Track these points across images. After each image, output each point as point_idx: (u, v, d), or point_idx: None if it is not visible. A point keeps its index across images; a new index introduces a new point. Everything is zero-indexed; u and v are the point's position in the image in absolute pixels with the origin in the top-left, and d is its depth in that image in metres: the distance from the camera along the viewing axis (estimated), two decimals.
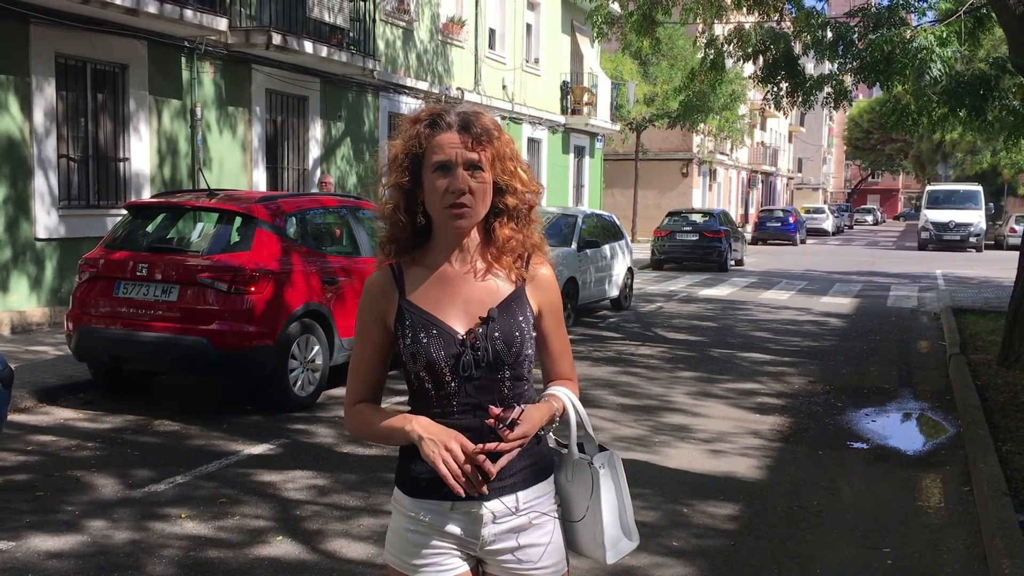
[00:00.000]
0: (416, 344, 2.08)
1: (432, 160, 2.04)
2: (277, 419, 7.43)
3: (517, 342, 2.10)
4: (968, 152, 45.15)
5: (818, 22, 12.37)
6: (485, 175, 2.05)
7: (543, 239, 2.21)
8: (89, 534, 4.90)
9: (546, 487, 2.19)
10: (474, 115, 2.07)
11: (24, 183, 10.77)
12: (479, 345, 2.07)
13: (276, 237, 7.77)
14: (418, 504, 2.13)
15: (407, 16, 18.29)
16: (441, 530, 2.12)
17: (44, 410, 7.60)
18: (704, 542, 4.97)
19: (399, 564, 2.17)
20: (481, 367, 2.07)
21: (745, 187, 55.24)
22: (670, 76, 30.56)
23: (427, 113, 2.09)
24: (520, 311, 2.13)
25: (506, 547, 2.14)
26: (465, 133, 2.03)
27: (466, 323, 2.09)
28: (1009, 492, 5.35)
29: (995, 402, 7.87)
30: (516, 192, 2.10)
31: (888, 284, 21.02)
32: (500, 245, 2.13)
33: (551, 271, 2.22)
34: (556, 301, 2.24)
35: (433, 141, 2.04)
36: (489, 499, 2.10)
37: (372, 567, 4.54)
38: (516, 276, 2.15)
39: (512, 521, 2.13)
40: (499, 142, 2.06)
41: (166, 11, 11.40)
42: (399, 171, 2.08)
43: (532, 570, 2.16)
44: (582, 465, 2.20)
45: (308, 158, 15.77)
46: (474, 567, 2.19)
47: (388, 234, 2.15)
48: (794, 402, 8.54)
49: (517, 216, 2.13)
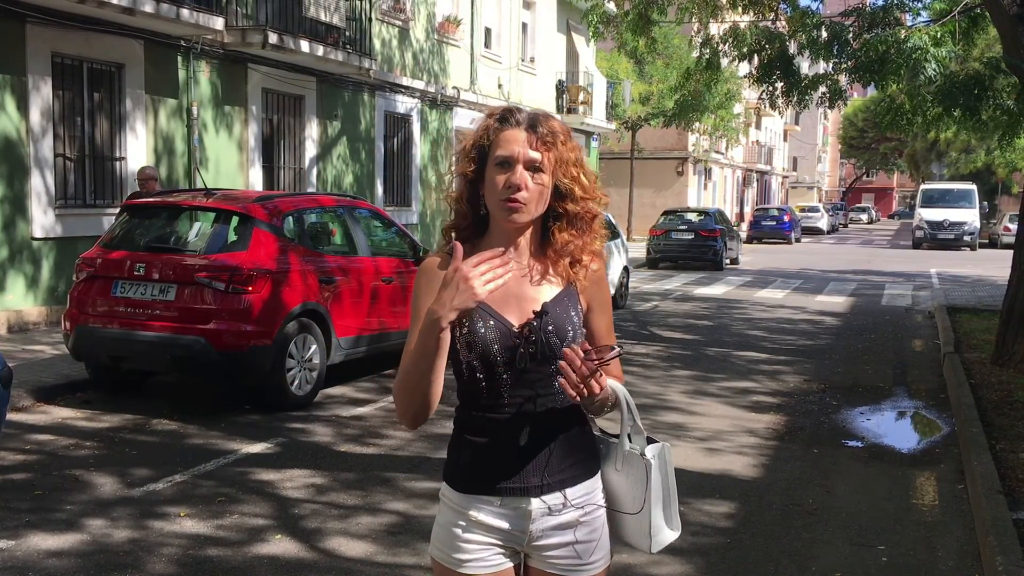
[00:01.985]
0: (473, 334, 2.08)
1: (496, 154, 2.07)
2: (275, 418, 7.45)
3: (569, 336, 2.11)
4: (962, 151, 45.25)
5: (813, 22, 12.42)
6: (545, 176, 2.07)
7: (603, 249, 2.23)
8: (88, 533, 4.92)
9: (594, 483, 2.20)
10: (543, 117, 2.10)
11: (21, 182, 10.77)
12: (533, 338, 2.08)
13: (273, 237, 7.79)
14: (467, 499, 2.14)
15: (403, 15, 18.29)
16: (488, 525, 2.13)
17: (42, 409, 7.61)
18: (700, 540, 5.00)
19: (444, 559, 2.17)
20: (536, 360, 2.08)
21: (740, 186, 55.30)
22: (665, 75, 30.56)
23: (502, 108, 2.14)
24: (572, 306, 2.15)
25: (554, 543, 2.16)
26: (531, 132, 2.07)
27: (519, 317, 2.11)
28: (1003, 490, 5.39)
29: (989, 400, 7.90)
30: (576, 198, 2.12)
31: (883, 283, 21.08)
32: (558, 249, 2.14)
33: (601, 266, 2.22)
34: (605, 297, 2.25)
35: (500, 136, 2.08)
36: (538, 495, 2.11)
37: (370, 565, 4.57)
38: (570, 277, 2.17)
39: (560, 517, 2.14)
40: (564, 147, 2.09)
41: (162, 10, 11.40)
42: (466, 161, 2.13)
43: (580, 566, 2.18)
44: (633, 456, 2.21)
45: (304, 157, 15.78)
46: (518, 564, 2.20)
47: (452, 222, 2.18)
48: (789, 400, 8.58)
49: (577, 222, 2.15)
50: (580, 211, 2.13)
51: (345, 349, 8.38)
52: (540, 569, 2.19)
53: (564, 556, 2.17)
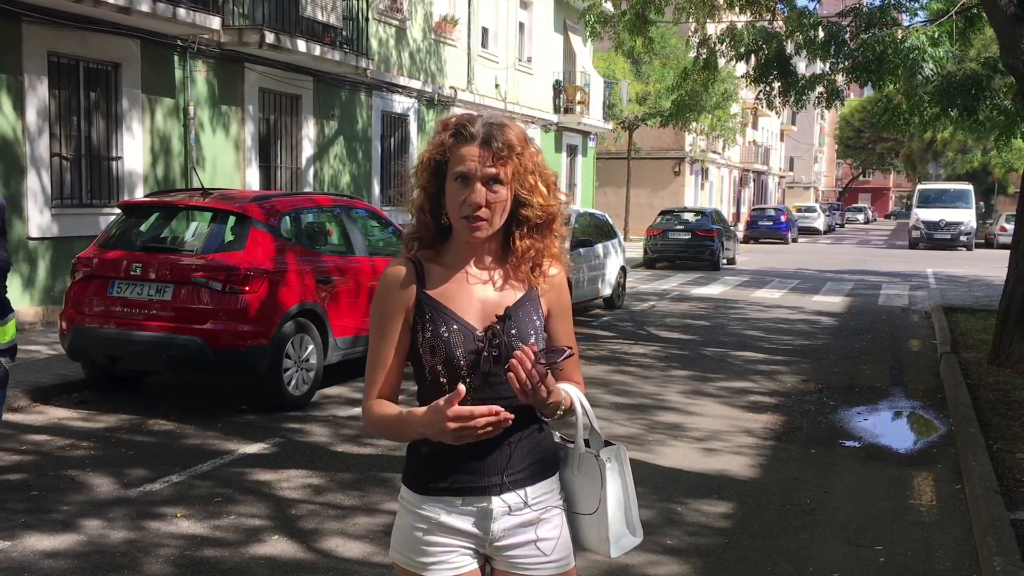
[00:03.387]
0: (436, 338, 2.10)
1: (454, 170, 2.08)
2: (272, 418, 7.43)
3: (531, 340, 2.12)
4: (959, 151, 45.28)
5: (810, 22, 12.42)
6: (503, 189, 2.08)
7: (563, 250, 2.24)
8: (85, 533, 4.91)
9: (553, 483, 2.22)
10: (499, 128, 2.08)
11: (17, 182, 10.75)
12: (497, 341, 2.10)
13: (270, 236, 7.77)
14: (427, 501, 2.15)
15: (400, 15, 18.28)
16: (450, 527, 2.14)
17: (38, 409, 7.59)
18: (698, 540, 5.00)
19: (406, 562, 2.17)
20: (498, 363, 2.09)
21: (737, 186, 55.33)
22: (663, 75, 30.58)
23: (455, 121, 2.12)
24: (534, 310, 2.17)
25: (515, 542, 2.16)
26: (486, 147, 2.06)
27: (482, 321, 2.12)
28: (1000, 490, 5.39)
29: (986, 400, 7.91)
30: (536, 205, 2.13)
31: (879, 283, 21.09)
32: (519, 255, 2.16)
33: (562, 272, 2.24)
34: (565, 303, 2.27)
35: (456, 152, 2.08)
36: (499, 495, 2.12)
37: (368, 566, 4.56)
38: (530, 282, 2.18)
39: (521, 516, 2.15)
40: (521, 157, 2.09)
41: (159, 10, 11.39)
42: (425, 175, 2.14)
43: (541, 565, 2.18)
44: (589, 459, 2.22)
45: (301, 157, 15.77)
46: (482, 565, 2.20)
47: (414, 231, 2.20)
48: (787, 400, 8.58)
49: (538, 227, 2.16)
50: (540, 216, 2.15)
51: (342, 349, 8.37)
52: (504, 570, 2.20)
53: (527, 555, 2.17)
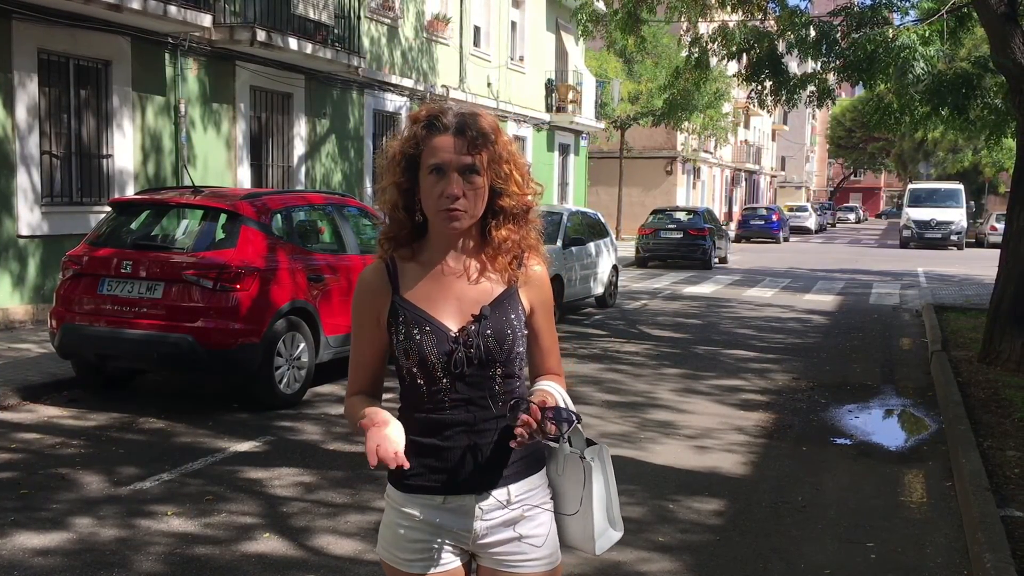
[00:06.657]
0: (409, 340, 2.10)
1: (428, 162, 2.05)
2: (263, 416, 7.41)
3: (509, 340, 2.11)
4: (950, 151, 45.52)
5: (802, 21, 12.45)
6: (479, 178, 2.05)
7: (540, 240, 2.22)
8: (75, 531, 4.89)
9: (538, 480, 2.21)
10: (471, 117, 2.06)
11: (6, 180, 10.70)
12: (471, 342, 2.08)
13: (262, 234, 7.75)
14: (410, 499, 2.15)
15: (392, 13, 18.25)
16: (433, 524, 2.14)
17: (28, 408, 7.56)
18: (689, 537, 5.00)
19: (392, 559, 2.18)
20: (473, 364, 2.09)
21: (729, 185, 55.45)
22: (655, 74, 30.62)
23: (425, 113, 2.08)
24: (512, 309, 2.15)
25: (499, 539, 2.16)
26: (460, 137, 2.03)
27: (459, 320, 2.11)
28: (990, 487, 5.41)
29: (976, 398, 7.94)
30: (512, 194, 2.11)
31: (870, 282, 21.16)
32: (496, 246, 2.14)
33: (544, 268, 2.23)
34: (548, 298, 2.26)
35: (429, 143, 2.05)
36: (481, 493, 2.12)
37: (359, 563, 4.55)
38: (510, 277, 2.16)
39: (504, 515, 2.15)
40: (496, 145, 2.07)
41: (150, 7, 11.34)
42: (397, 171, 2.10)
43: (526, 562, 2.18)
44: (573, 459, 2.21)
45: (293, 155, 15.73)
46: (467, 562, 2.21)
47: (389, 230, 2.17)
48: (778, 399, 8.60)
49: (514, 217, 2.14)
50: (516, 205, 2.13)
51: (334, 347, 8.36)
52: (490, 568, 2.20)
53: (512, 552, 2.17)
